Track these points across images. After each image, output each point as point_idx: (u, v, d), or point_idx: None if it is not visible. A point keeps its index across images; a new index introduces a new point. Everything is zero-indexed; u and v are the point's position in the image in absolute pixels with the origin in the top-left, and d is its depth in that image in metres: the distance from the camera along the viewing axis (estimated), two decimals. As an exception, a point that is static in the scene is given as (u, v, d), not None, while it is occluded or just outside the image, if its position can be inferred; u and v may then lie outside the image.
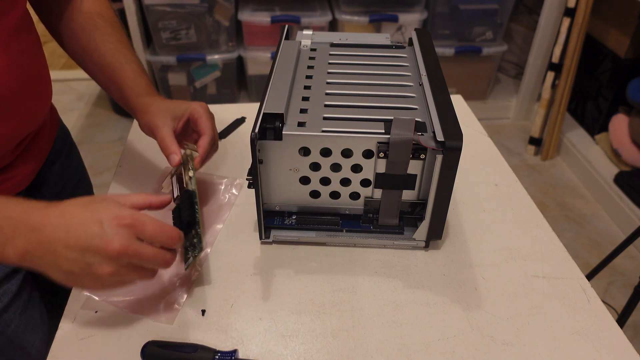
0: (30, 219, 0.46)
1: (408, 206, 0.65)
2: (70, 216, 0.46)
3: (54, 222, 0.46)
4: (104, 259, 0.46)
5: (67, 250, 0.45)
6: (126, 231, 0.46)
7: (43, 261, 0.46)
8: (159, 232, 0.48)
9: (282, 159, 0.60)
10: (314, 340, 0.56)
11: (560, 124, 2.10)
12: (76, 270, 0.46)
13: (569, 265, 0.65)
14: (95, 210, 0.46)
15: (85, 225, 0.45)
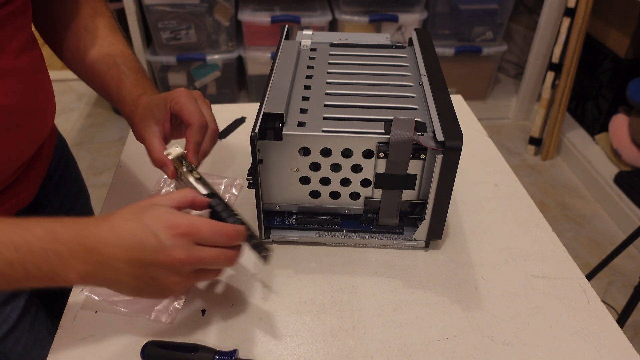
0: (85, 241, 0.45)
1: (408, 206, 0.65)
2: (123, 232, 0.45)
3: (109, 240, 0.45)
4: (169, 270, 0.45)
5: (129, 267, 0.45)
6: (184, 240, 0.45)
7: (106, 279, 0.46)
8: (215, 234, 0.47)
9: (282, 159, 0.60)
10: (314, 340, 0.56)
11: (560, 124, 2.10)
12: (142, 284, 0.46)
13: (569, 265, 0.65)
14: (147, 222, 0.45)
15: (141, 240, 0.45)
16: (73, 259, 0.44)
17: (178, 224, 0.45)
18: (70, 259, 0.44)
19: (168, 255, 0.45)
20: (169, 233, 0.45)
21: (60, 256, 0.44)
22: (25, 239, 0.43)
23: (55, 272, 0.44)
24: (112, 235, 0.45)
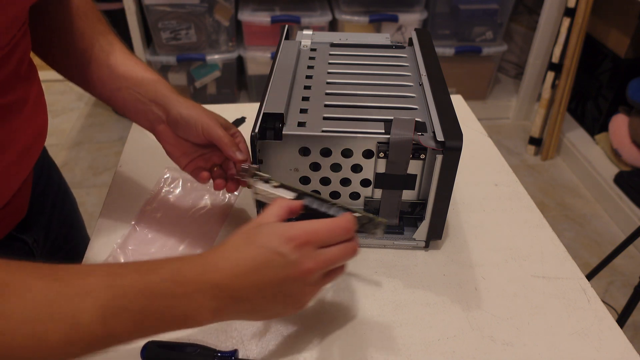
0: (211, 278, 0.43)
1: (408, 206, 0.65)
2: (245, 261, 0.44)
3: (235, 272, 0.43)
4: (301, 283, 0.45)
5: (261, 292, 0.44)
6: (307, 248, 0.44)
7: (239, 312, 0.45)
8: (331, 232, 0.46)
9: (282, 159, 0.60)
10: (314, 340, 0.56)
11: (560, 124, 2.10)
12: (277, 305, 0.45)
13: (569, 265, 0.65)
14: (264, 243, 0.44)
15: (267, 262, 0.43)
16: (202, 298, 0.42)
17: (295, 235, 0.44)
18: (199, 299, 0.42)
19: (297, 268, 0.44)
20: (290, 246, 0.44)
21: (189, 297, 0.42)
22: (153, 283, 0.41)
23: (187, 314, 0.42)
24: (235, 267, 0.43)
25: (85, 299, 0.38)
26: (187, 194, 0.75)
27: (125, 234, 0.68)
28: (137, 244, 0.67)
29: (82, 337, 0.38)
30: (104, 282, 0.39)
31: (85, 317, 0.38)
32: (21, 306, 0.36)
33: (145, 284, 0.41)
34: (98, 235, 0.68)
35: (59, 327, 0.37)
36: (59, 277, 0.39)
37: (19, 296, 0.36)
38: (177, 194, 0.75)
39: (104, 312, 0.38)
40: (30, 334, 0.36)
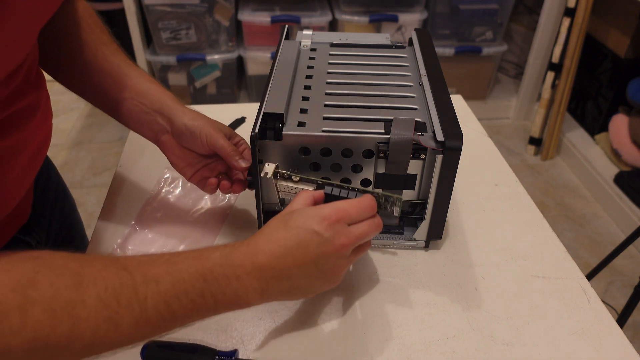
0: (256, 260, 0.47)
1: (408, 206, 0.65)
2: (285, 241, 0.48)
3: (276, 253, 0.47)
4: (336, 258, 0.49)
5: (301, 269, 0.48)
6: (339, 226, 0.49)
7: (282, 291, 0.49)
8: (359, 210, 0.50)
9: (282, 159, 0.60)
10: (314, 340, 0.56)
11: (560, 124, 2.10)
12: (315, 281, 0.49)
13: (569, 265, 0.65)
14: (300, 224, 0.48)
15: (305, 242, 0.47)
16: (250, 279, 0.46)
17: (328, 214, 0.48)
18: (247, 280, 0.46)
19: (332, 244, 0.48)
20: (324, 225, 0.48)
21: (239, 279, 0.46)
22: (207, 268, 0.45)
23: (238, 295, 0.46)
24: (277, 248, 0.47)
25: (149, 285, 0.42)
26: (187, 194, 0.75)
27: (125, 234, 0.68)
28: (137, 244, 0.67)
29: (149, 320, 0.42)
30: (164, 269, 0.43)
31: (151, 302, 0.41)
32: (96, 294, 0.39)
33: (201, 269, 0.44)
34: (98, 235, 0.68)
35: (130, 312, 0.40)
36: (124, 266, 0.42)
37: (93, 285, 0.39)
38: (177, 194, 0.75)
39: (167, 296, 0.42)
40: (107, 319, 0.39)
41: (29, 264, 0.38)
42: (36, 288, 0.37)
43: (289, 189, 0.60)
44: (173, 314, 0.43)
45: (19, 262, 0.37)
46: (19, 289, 0.36)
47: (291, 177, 0.59)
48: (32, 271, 0.37)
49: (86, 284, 0.39)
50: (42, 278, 0.37)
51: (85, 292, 0.39)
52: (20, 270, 0.37)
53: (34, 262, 0.38)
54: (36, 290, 0.36)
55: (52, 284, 0.37)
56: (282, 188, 0.60)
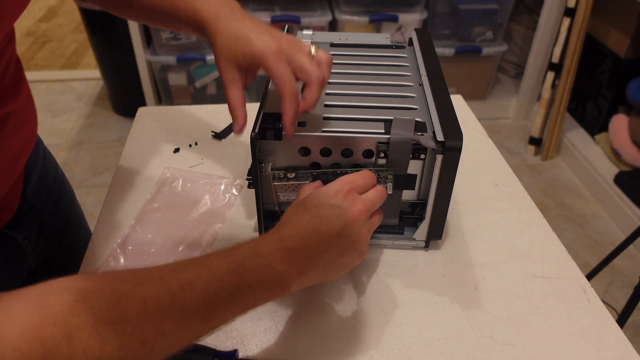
0: (284, 246, 0.48)
1: (408, 206, 0.65)
2: (309, 221, 0.49)
3: (302, 234, 0.49)
4: (358, 226, 0.51)
5: (330, 243, 0.49)
6: (352, 195, 0.51)
7: (316, 271, 0.50)
8: (364, 178, 0.54)
9: (282, 158, 0.60)
10: (314, 340, 0.56)
11: (560, 124, 2.10)
12: (345, 254, 0.51)
13: (569, 265, 0.65)
14: (318, 203, 0.50)
15: (326, 217, 0.49)
16: (283, 265, 0.47)
17: (339, 187, 0.51)
18: (280, 266, 0.47)
19: (351, 212, 0.50)
20: (339, 197, 0.50)
21: (272, 267, 0.47)
22: (238, 262, 0.45)
23: (274, 281, 0.47)
24: (301, 229, 0.49)
25: (185, 290, 0.42)
26: (187, 194, 0.75)
27: (125, 234, 0.68)
28: (137, 244, 0.67)
29: (193, 323, 0.42)
30: (196, 272, 0.44)
31: (190, 306, 0.42)
32: (136, 309, 0.40)
33: (232, 264, 0.45)
34: (98, 235, 0.68)
35: (173, 319, 0.41)
36: (159, 276, 0.43)
37: (132, 300, 0.40)
38: (177, 194, 0.75)
39: (204, 297, 0.43)
40: (152, 329, 0.40)
41: (64, 295, 0.37)
42: (77, 316, 0.37)
43: (286, 187, 0.61)
44: (214, 312, 0.44)
45: (52, 296, 0.37)
46: (60, 322, 0.36)
47: (286, 176, 0.60)
48: (68, 302, 0.37)
49: (125, 301, 0.39)
50: (81, 305, 0.37)
51: (125, 309, 0.39)
52: (57, 304, 0.37)
53: (67, 292, 0.38)
54: (78, 318, 0.37)
55: (91, 308, 0.38)
56: (279, 189, 0.61)
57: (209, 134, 0.87)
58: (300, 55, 0.54)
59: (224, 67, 0.56)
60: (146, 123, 0.90)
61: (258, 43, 0.53)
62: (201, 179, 0.77)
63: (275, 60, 0.53)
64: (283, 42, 0.54)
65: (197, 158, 0.82)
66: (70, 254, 0.78)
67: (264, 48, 0.53)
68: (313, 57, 0.55)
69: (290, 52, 0.54)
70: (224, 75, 0.56)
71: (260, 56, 0.53)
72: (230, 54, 0.55)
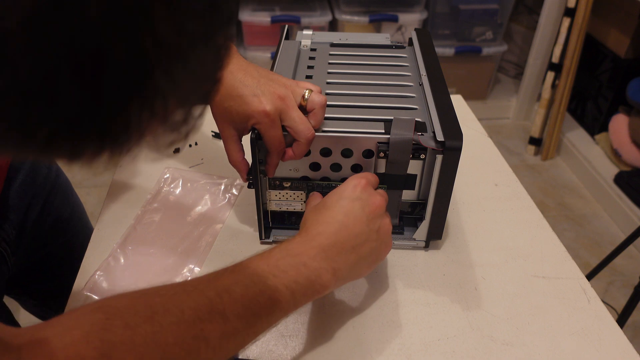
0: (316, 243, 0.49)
1: (408, 206, 0.65)
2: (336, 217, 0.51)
3: (332, 230, 0.50)
4: (381, 216, 0.53)
5: (359, 237, 0.51)
6: (369, 188, 0.54)
7: (351, 265, 0.50)
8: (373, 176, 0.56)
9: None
10: (314, 340, 0.56)
11: (560, 124, 2.10)
12: (374, 244, 0.52)
13: (569, 265, 0.65)
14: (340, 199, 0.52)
15: (351, 210, 0.51)
16: (317, 262, 0.48)
17: (357, 181, 0.53)
18: (315, 263, 0.47)
19: (372, 203, 0.52)
20: (359, 190, 0.52)
21: (306, 265, 0.47)
22: (272, 264, 0.46)
23: (311, 279, 0.47)
24: (330, 225, 0.50)
25: (223, 297, 0.42)
26: (187, 194, 0.75)
27: (125, 234, 0.68)
28: (137, 244, 0.67)
29: (236, 328, 0.42)
30: (232, 279, 0.44)
31: (231, 311, 0.42)
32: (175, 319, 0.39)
33: (266, 267, 0.46)
34: (98, 235, 0.68)
35: (214, 326, 0.41)
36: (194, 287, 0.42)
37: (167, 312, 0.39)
38: (177, 194, 0.75)
39: (244, 301, 0.43)
40: (195, 337, 0.40)
41: (96, 315, 0.37)
42: (112, 332, 0.36)
43: (279, 196, 0.62)
44: (256, 315, 0.44)
45: (83, 317, 0.37)
46: (93, 339, 0.35)
47: (282, 184, 0.61)
48: (101, 320, 0.36)
49: (161, 313, 0.39)
50: (115, 321, 0.37)
51: (162, 320, 0.39)
52: (89, 323, 0.36)
53: (100, 311, 0.37)
54: (113, 334, 0.36)
55: (126, 323, 0.37)
56: (272, 196, 0.62)
57: (209, 134, 0.87)
58: (292, 113, 0.55)
59: (221, 126, 0.58)
60: (146, 123, 0.90)
61: (251, 107, 0.54)
62: (201, 179, 0.77)
63: (267, 124, 0.54)
64: (276, 100, 0.54)
65: (197, 158, 0.82)
66: (68, 253, 0.78)
67: (257, 112, 0.54)
68: (306, 101, 0.56)
69: (282, 110, 0.55)
70: (222, 133, 0.59)
71: (253, 119, 0.55)
72: (225, 113, 0.56)
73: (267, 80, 0.55)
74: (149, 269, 0.64)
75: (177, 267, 0.64)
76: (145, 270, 0.64)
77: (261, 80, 0.55)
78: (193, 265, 0.64)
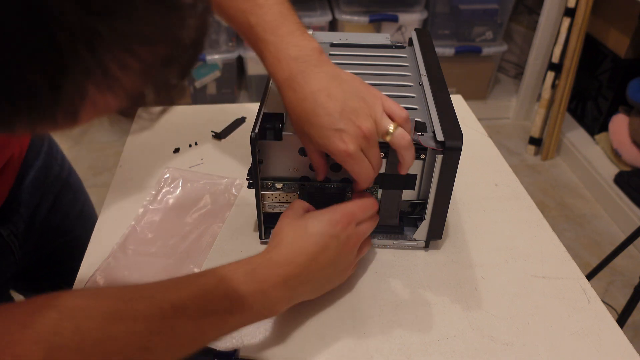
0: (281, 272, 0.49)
1: (408, 206, 0.65)
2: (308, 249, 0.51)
3: (301, 262, 0.50)
4: (349, 255, 0.54)
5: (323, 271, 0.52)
6: (351, 227, 0.53)
7: (305, 292, 0.53)
8: (365, 211, 0.55)
9: (282, 159, 0.60)
10: (314, 340, 0.56)
11: (560, 124, 2.10)
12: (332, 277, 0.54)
13: (569, 265, 0.65)
14: (318, 231, 0.51)
15: (325, 246, 0.51)
16: (277, 291, 0.49)
17: (339, 218, 0.53)
18: (274, 292, 0.48)
19: (347, 244, 0.53)
20: (339, 228, 0.52)
21: (266, 294, 0.48)
22: (233, 288, 0.46)
23: (266, 306, 0.49)
24: (300, 257, 0.50)
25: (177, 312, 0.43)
26: (187, 194, 0.75)
27: (125, 234, 0.68)
28: (137, 244, 0.67)
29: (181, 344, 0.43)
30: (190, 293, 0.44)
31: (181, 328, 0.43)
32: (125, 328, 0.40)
33: (226, 290, 0.46)
34: (98, 235, 0.68)
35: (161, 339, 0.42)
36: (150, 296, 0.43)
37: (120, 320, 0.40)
38: (177, 194, 0.75)
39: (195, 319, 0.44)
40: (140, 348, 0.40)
41: (50, 314, 0.37)
42: (62, 335, 0.37)
43: (272, 198, 0.62)
44: (204, 334, 0.45)
45: (38, 314, 0.37)
46: (42, 341, 0.36)
47: (274, 186, 0.61)
48: (53, 320, 0.37)
49: (113, 321, 0.40)
50: (67, 324, 0.37)
51: (113, 328, 0.39)
52: (41, 322, 0.36)
53: (54, 310, 0.37)
54: (62, 337, 0.37)
55: (77, 327, 0.37)
56: (265, 198, 0.62)
57: (209, 134, 0.87)
58: (370, 152, 0.51)
59: (304, 142, 0.56)
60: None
61: (332, 144, 0.50)
62: (201, 179, 0.77)
63: (350, 163, 0.51)
64: (360, 139, 0.49)
65: (197, 158, 0.82)
66: (71, 251, 0.78)
67: (339, 152, 0.50)
68: (390, 136, 0.51)
69: (364, 148, 0.51)
70: (305, 146, 0.57)
71: (335, 156, 0.52)
72: (306, 136, 0.53)
73: (352, 104, 0.50)
74: (149, 269, 0.64)
75: (177, 267, 0.64)
76: (145, 270, 0.64)
77: (346, 106, 0.49)
78: (193, 265, 0.64)
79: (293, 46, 0.52)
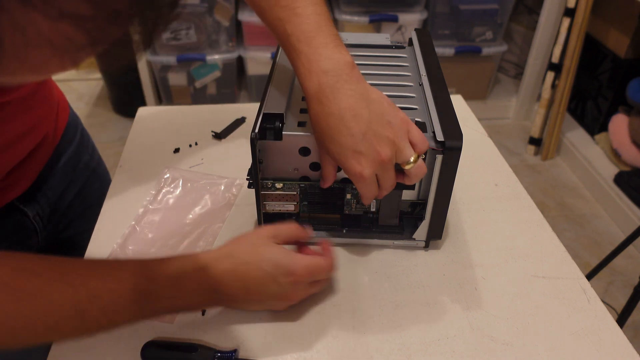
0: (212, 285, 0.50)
1: (408, 206, 0.65)
2: (246, 276, 0.51)
3: (237, 286, 0.51)
4: (284, 301, 0.55)
5: (250, 297, 0.53)
6: (301, 284, 0.54)
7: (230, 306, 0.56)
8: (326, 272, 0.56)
9: (282, 159, 0.60)
10: (314, 340, 0.56)
11: (560, 124, 2.10)
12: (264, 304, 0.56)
13: (569, 265, 0.65)
14: (266, 268, 0.51)
15: (264, 284, 0.51)
16: (201, 298, 0.51)
17: (296, 271, 0.52)
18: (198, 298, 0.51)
19: (286, 296, 0.54)
20: (289, 280, 0.52)
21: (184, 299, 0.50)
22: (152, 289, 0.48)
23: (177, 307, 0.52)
24: (239, 283, 0.51)
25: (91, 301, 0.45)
26: (187, 194, 0.75)
27: (125, 234, 0.68)
28: (137, 244, 0.67)
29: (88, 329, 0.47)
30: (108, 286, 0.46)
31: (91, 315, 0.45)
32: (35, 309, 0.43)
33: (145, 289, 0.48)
34: (98, 235, 0.68)
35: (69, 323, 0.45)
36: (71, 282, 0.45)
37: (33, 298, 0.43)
38: (177, 194, 0.75)
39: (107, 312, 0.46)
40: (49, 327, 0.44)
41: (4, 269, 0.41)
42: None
43: (273, 197, 0.62)
44: (113, 323, 0.48)
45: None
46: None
47: (274, 185, 0.61)
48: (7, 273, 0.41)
49: (26, 299, 0.42)
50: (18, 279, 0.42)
51: (23, 307, 0.42)
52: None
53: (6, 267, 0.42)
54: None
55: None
56: (266, 198, 0.62)
57: (209, 134, 0.87)
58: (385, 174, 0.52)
59: (321, 153, 0.57)
60: (146, 123, 0.90)
61: (348, 164, 0.51)
62: (201, 179, 0.77)
63: (361, 185, 0.53)
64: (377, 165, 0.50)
65: (197, 158, 0.82)
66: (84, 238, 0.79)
67: (353, 173, 0.51)
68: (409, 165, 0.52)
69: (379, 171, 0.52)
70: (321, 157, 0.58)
71: (348, 174, 0.53)
72: (325, 149, 0.53)
73: (376, 128, 0.50)
74: (149, 269, 0.64)
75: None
76: (145, 270, 0.64)
77: (369, 128, 0.49)
78: (193, 265, 0.64)
79: (325, 59, 0.51)
